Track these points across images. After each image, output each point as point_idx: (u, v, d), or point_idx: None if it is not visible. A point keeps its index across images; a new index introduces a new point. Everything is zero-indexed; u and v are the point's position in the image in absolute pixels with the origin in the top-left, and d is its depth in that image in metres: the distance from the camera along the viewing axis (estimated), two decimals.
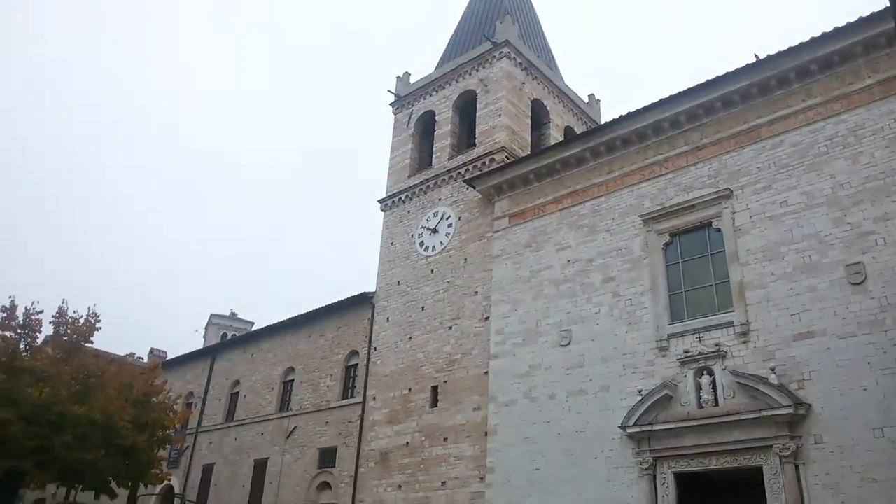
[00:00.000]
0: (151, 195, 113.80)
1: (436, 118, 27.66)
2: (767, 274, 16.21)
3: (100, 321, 23.91)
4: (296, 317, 29.93)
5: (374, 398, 24.47)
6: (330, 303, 28.30)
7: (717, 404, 15.89)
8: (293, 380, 29.07)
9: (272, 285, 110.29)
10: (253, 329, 44.03)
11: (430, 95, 28.26)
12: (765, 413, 14.98)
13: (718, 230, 17.42)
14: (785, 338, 15.49)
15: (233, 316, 57.89)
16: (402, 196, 27.19)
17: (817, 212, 15.81)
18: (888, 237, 14.65)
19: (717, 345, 16.39)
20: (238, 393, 31.70)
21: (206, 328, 57.23)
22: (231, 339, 42.96)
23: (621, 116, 19.86)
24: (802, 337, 15.26)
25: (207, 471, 30.58)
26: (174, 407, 25.50)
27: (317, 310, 28.95)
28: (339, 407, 26.01)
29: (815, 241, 15.68)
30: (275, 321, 31.53)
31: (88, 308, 23.87)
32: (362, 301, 26.84)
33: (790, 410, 14.65)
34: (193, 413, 32.47)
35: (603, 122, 25.61)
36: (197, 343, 54.26)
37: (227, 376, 32.88)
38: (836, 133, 16.03)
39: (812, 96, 16.63)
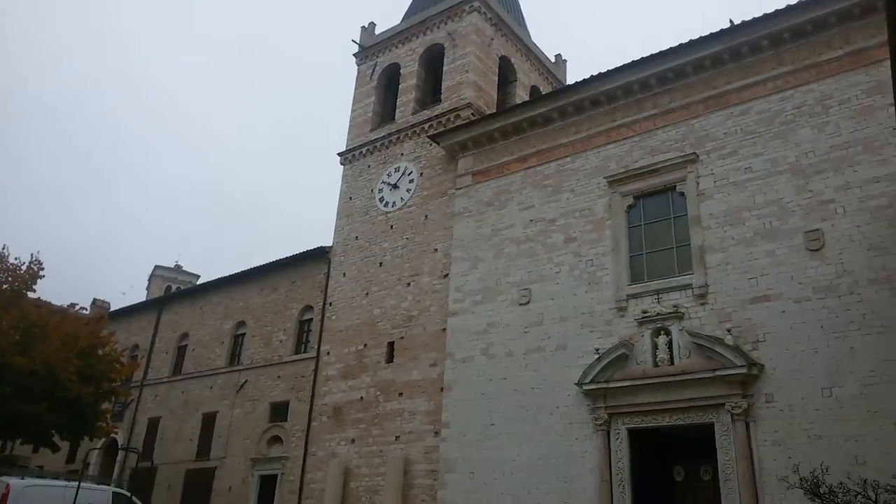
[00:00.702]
0: (92, 139, 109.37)
1: (401, 71, 27.13)
2: (728, 238, 16.49)
3: (43, 269, 22.99)
4: (248, 270, 29.31)
5: (329, 353, 24.24)
6: (285, 256, 27.79)
7: (672, 363, 16.21)
8: (244, 334, 28.56)
9: (221, 239, 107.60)
10: (198, 283, 43.05)
11: (396, 48, 27.67)
12: (719, 372, 15.35)
13: (682, 194, 17.61)
14: (742, 300, 15.85)
15: (178, 268, 56.47)
16: (363, 150, 26.70)
17: (780, 179, 16.10)
18: (847, 206, 15.04)
19: (675, 306, 16.67)
20: (186, 346, 31.01)
21: (148, 280, 55.71)
22: (180, 291, 41.91)
23: (591, 77, 19.79)
24: (759, 300, 15.63)
25: (153, 424, 29.96)
26: (120, 359, 24.78)
27: (270, 263, 28.39)
28: (292, 361, 25.70)
29: (776, 208, 15.99)
30: (224, 274, 30.84)
31: (31, 255, 22.90)
32: (318, 256, 26.42)
33: (744, 370, 15.04)
34: (139, 366, 31.63)
35: (569, 83, 25.50)
36: (138, 296, 52.88)
37: (174, 329, 32.11)
38: (803, 102, 16.29)
39: (783, 64, 16.83)
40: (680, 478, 16.86)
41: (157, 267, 55.86)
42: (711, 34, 17.65)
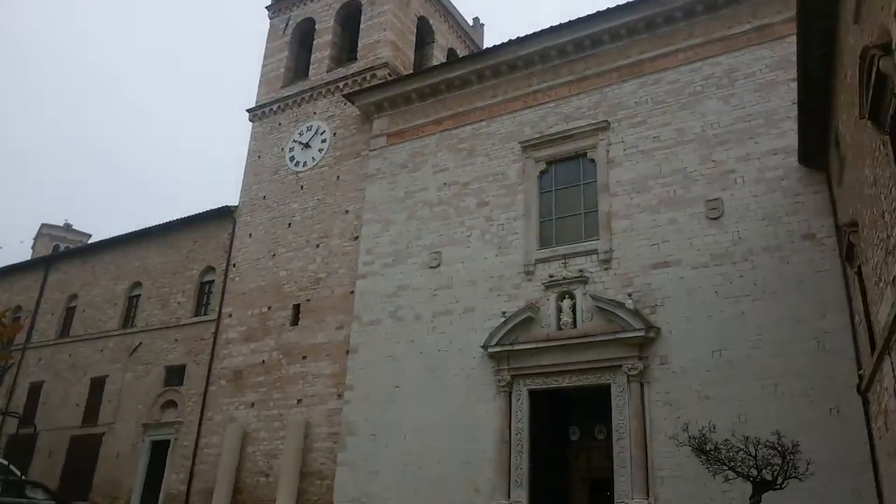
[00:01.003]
0: None
1: (316, 27, 26.23)
2: (634, 205, 16.81)
3: None
4: (146, 229, 27.85)
5: (231, 315, 23.39)
6: (186, 215, 26.56)
7: (575, 327, 16.45)
8: (139, 295, 27.18)
9: (115, 197, 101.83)
10: (90, 242, 40.68)
11: (312, 2, 26.70)
12: (619, 335, 15.69)
13: (592, 161, 17.82)
14: (644, 266, 16.21)
15: (67, 227, 53.06)
16: (274, 107, 25.76)
17: (686, 148, 16.51)
18: (747, 176, 15.57)
19: (580, 271, 16.90)
20: (75, 307, 29.24)
21: (34, 239, 52.20)
22: (69, 250, 39.35)
23: (510, 41, 19.70)
24: (660, 266, 16.03)
25: (35, 389, 28.15)
26: (2, 320, 23.11)
27: (170, 222, 27.09)
28: (191, 324, 24.64)
29: (681, 177, 16.40)
30: (119, 234, 29.18)
31: None
32: (223, 215, 25.38)
33: (642, 333, 15.42)
34: (22, 328, 29.60)
35: (487, 47, 25.35)
36: (22, 256, 49.50)
37: (62, 290, 30.20)
38: (712, 74, 16.72)
39: (694, 36, 17.20)
40: (575, 437, 17.20)
41: (43, 225, 52.34)
42: (629, 3, 17.84)
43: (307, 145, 24.16)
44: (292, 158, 24.44)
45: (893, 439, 9.80)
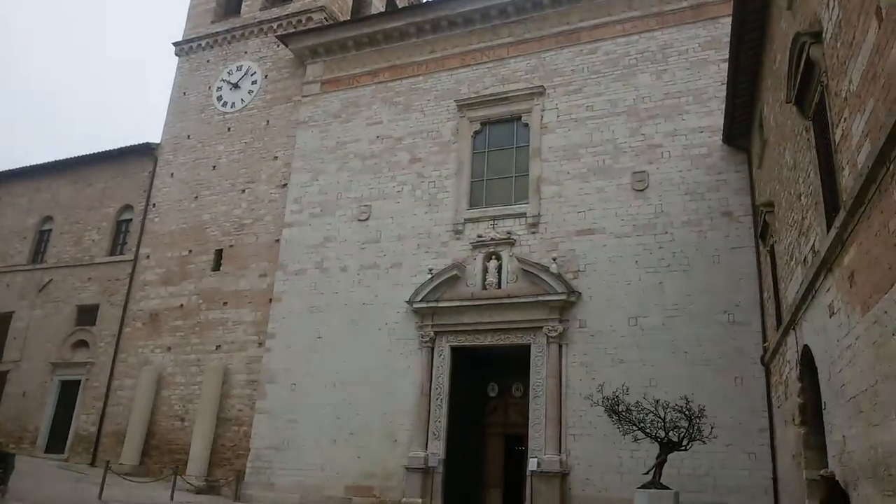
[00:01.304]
0: None
1: None
2: (564, 172, 17.15)
3: None
4: (60, 161, 26.48)
5: (149, 257, 22.69)
6: (104, 150, 25.35)
7: (500, 287, 16.82)
8: (50, 230, 25.96)
9: (24, 124, 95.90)
10: None
11: None
12: (541, 298, 16.16)
13: (526, 125, 18.00)
14: (569, 232, 16.65)
15: None
16: (203, 43, 24.69)
17: (618, 120, 16.88)
18: (673, 152, 16.10)
19: (508, 233, 17.21)
20: None
21: None
22: None
23: None
24: (584, 233, 16.50)
25: None
26: None
27: (86, 156, 25.80)
28: (106, 263, 23.78)
29: (611, 147, 16.80)
30: (28, 164, 27.57)
31: None
32: (143, 152, 24.35)
33: (563, 297, 15.93)
34: None
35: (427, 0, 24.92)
36: None
37: None
38: (647, 48, 17.05)
39: (632, 9, 17.43)
40: (494, 393, 17.79)
41: None
42: None
43: (236, 86, 23.34)
44: (220, 98, 23.59)
45: (791, 408, 10.60)
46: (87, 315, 23.24)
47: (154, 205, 23.38)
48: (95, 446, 20.76)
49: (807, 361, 9.80)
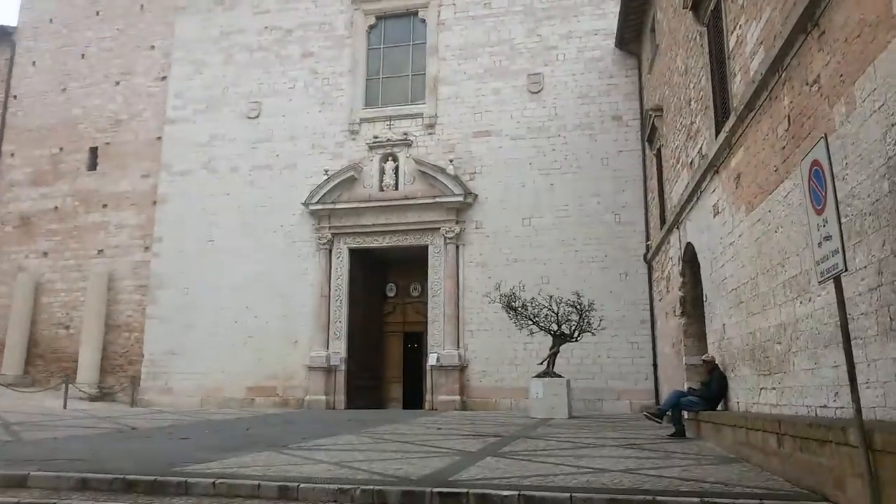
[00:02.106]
0: None
1: None
2: (461, 72, 17.05)
3: None
4: None
5: (14, 155, 20.86)
6: None
7: (397, 188, 16.87)
8: None
9: None
10: None
11: None
12: (439, 199, 16.38)
13: (423, 21, 17.60)
14: (466, 134, 16.77)
15: None
16: None
17: (514, 19, 16.82)
18: (567, 54, 16.33)
19: (405, 133, 17.11)
20: None
21: None
22: None
23: None
24: (481, 135, 16.68)
25: None
26: None
27: None
28: None
29: (507, 48, 16.79)
30: None
31: None
32: None
33: (460, 199, 16.23)
34: None
35: None
36: None
37: None
38: None
39: None
40: (392, 294, 18.18)
41: None
42: None
43: None
44: None
45: (672, 301, 11.55)
46: None
47: (15, 97, 21.28)
48: None
49: (689, 258, 10.65)
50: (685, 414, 8.71)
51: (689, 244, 10.36)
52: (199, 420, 11.85)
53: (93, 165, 20.00)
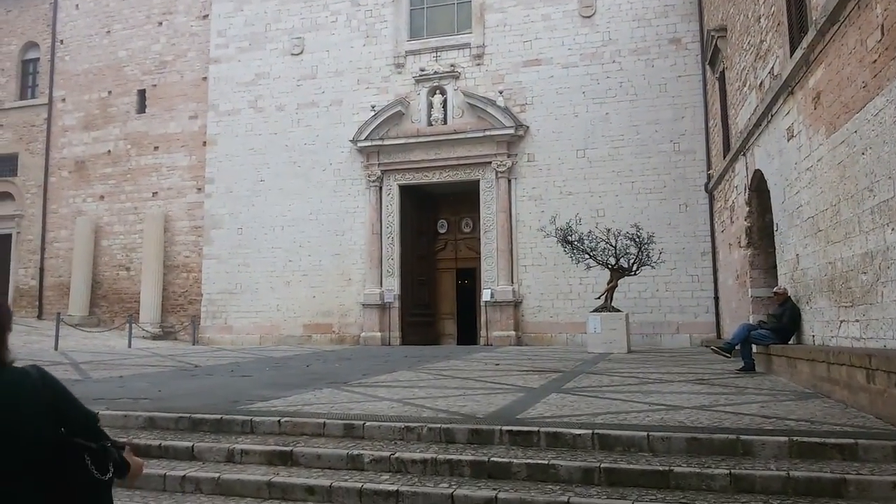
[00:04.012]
0: None
1: None
2: None
3: None
4: None
5: (65, 100, 21.05)
6: None
7: (446, 123, 16.48)
8: None
9: None
10: None
11: None
12: (489, 132, 15.96)
13: None
14: (515, 63, 16.17)
15: None
16: None
17: None
18: None
19: (452, 65, 16.60)
20: None
21: None
22: None
23: None
24: (531, 63, 16.06)
25: None
26: None
27: None
28: (18, 108, 21.96)
29: None
30: None
31: None
32: None
33: (511, 131, 15.78)
34: None
35: None
36: None
37: None
38: None
39: None
40: (443, 230, 17.99)
41: None
42: None
43: None
44: None
45: (737, 232, 11.08)
46: (6, 165, 21.76)
47: (62, 41, 21.34)
48: (40, 299, 20.30)
49: (756, 186, 10.13)
50: (754, 348, 8.41)
51: (757, 171, 9.83)
52: (259, 357, 12.04)
53: (141, 108, 20.07)
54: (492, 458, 4.34)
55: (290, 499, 4.26)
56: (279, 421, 5.28)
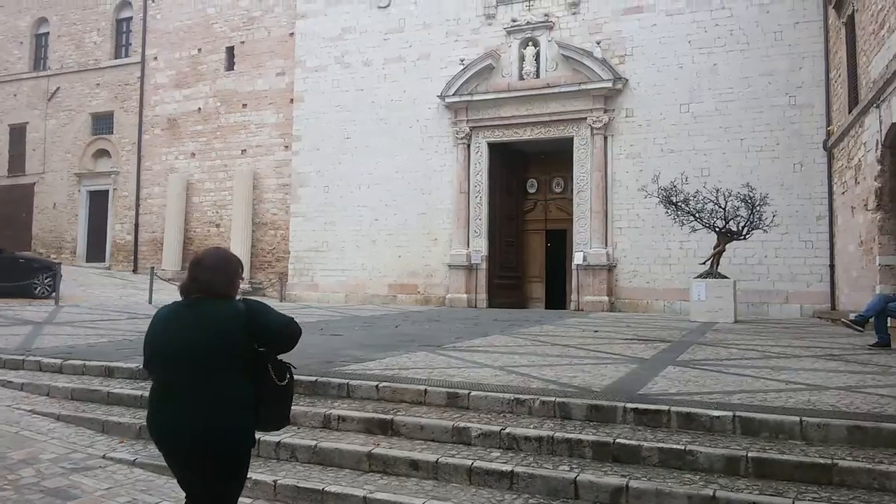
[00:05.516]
0: None
1: None
2: None
3: None
4: None
5: (157, 58, 21.36)
6: None
7: (538, 76, 15.71)
8: (47, 32, 24.28)
9: None
10: None
11: None
12: (584, 86, 15.12)
13: None
14: (614, 11, 15.19)
15: None
16: None
17: None
18: None
19: (546, 15, 15.76)
20: None
21: None
22: None
23: None
24: (631, 11, 15.05)
25: None
26: None
27: None
28: (113, 67, 22.47)
29: None
30: None
31: None
32: None
33: (609, 85, 14.89)
34: None
35: None
36: None
37: None
38: None
39: None
40: (533, 190, 17.33)
41: None
42: None
43: None
44: None
45: (863, 194, 10.03)
46: (102, 123, 22.43)
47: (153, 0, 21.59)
48: (135, 254, 20.95)
49: (891, 143, 9.08)
50: (889, 321, 7.53)
51: (893, 125, 8.77)
52: (347, 316, 11.88)
53: (230, 65, 20.12)
54: (617, 440, 3.86)
55: (391, 472, 3.91)
56: (377, 386, 4.94)
